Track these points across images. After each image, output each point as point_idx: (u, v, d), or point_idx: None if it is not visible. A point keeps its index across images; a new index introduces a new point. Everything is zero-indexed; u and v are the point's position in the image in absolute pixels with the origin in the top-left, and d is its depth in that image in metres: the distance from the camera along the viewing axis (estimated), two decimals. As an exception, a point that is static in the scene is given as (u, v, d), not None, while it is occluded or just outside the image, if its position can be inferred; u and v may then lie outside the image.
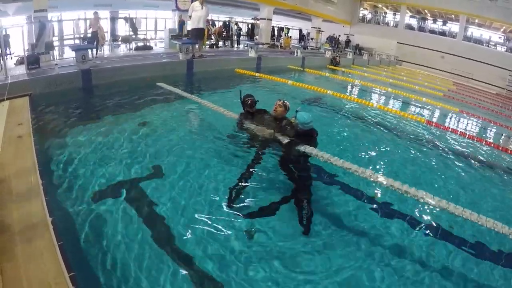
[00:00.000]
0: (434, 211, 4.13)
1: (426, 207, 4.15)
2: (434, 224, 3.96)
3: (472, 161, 6.47)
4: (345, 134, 6.81)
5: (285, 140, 4.47)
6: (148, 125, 5.83)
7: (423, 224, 3.94)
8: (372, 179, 3.99)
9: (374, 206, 4.18)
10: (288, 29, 26.06)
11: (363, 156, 5.76)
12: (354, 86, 14.32)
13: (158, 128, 5.78)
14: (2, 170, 3.57)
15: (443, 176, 5.42)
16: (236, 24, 19.26)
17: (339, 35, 30.48)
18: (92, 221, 3.18)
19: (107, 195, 3.64)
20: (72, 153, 4.47)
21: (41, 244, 2.54)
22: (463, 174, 5.75)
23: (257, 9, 21.38)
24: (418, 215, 4.10)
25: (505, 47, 28.27)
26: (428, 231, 3.83)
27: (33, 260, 2.39)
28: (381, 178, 3.94)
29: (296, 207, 3.73)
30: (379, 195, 4.42)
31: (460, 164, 6.14)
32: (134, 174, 4.16)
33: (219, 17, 22.73)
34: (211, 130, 5.88)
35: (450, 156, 6.47)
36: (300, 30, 28.15)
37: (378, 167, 5.30)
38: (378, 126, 7.75)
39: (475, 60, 28.09)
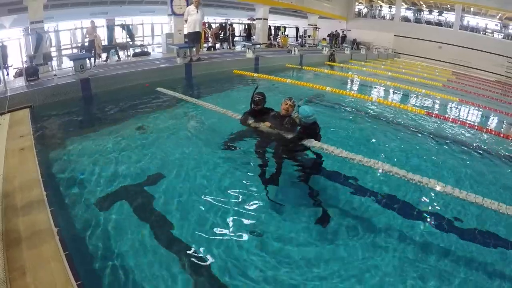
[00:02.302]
0: (438, 197, 4.21)
1: (430, 193, 4.25)
2: (439, 212, 4.03)
3: (473, 149, 6.48)
4: (345, 128, 6.81)
5: (289, 135, 4.50)
6: (150, 131, 5.86)
7: (426, 211, 4.03)
8: (375, 167, 4.04)
9: (377, 194, 4.26)
10: (285, 27, 25.99)
11: (365, 149, 5.78)
12: (352, 81, 14.33)
13: (160, 132, 5.81)
14: (7, 183, 3.61)
15: (444, 166, 5.46)
16: (230, 25, 19.29)
17: (336, 31, 30.43)
18: (97, 229, 3.21)
19: (112, 203, 3.66)
20: (74, 162, 4.51)
21: (48, 254, 2.57)
22: (464, 162, 5.78)
23: (252, 9, 21.38)
24: (422, 202, 4.18)
25: (502, 34, 28.17)
26: (431, 217, 3.89)
27: (41, 270, 2.43)
28: (386, 166, 3.99)
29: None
30: (383, 183, 4.48)
31: (462, 153, 6.17)
32: (138, 180, 4.19)
33: (215, 19, 22.71)
34: (213, 131, 5.92)
35: (451, 145, 6.48)
36: (297, 28, 28.10)
37: (380, 158, 5.30)
38: (378, 120, 7.76)
39: (473, 49, 27.99)
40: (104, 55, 12.57)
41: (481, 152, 6.36)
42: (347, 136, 6.34)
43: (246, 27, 21.85)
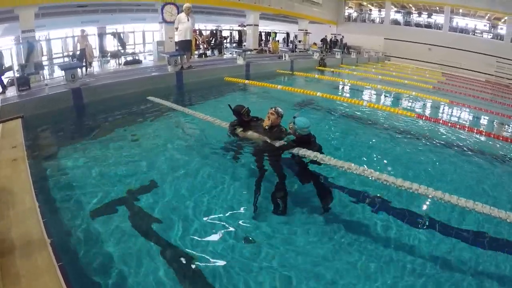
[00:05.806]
0: (429, 203, 4.27)
1: (421, 199, 4.27)
2: (430, 216, 4.08)
3: (464, 150, 6.57)
4: (336, 134, 6.88)
5: (277, 144, 4.51)
6: (141, 140, 5.89)
7: (418, 216, 4.07)
8: (365, 175, 4.02)
9: (368, 201, 4.29)
10: (276, 33, 26.11)
11: (355, 154, 5.84)
12: (343, 86, 14.45)
13: (151, 142, 5.84)
14: (-1, 195, 3.61)
15: (436, 168, 5.54)
16: (220, 32, 19.36)
17: (327, 35, 30.60)
18: (91, 240, 3.23)
19: (104, 213, 3.68)
20: (66, 173, 4.52)
21: (42, 265, 2.58)
22: (455, 164, 5.86)
23: (243, 16, 21.48)
24: (412, 207, 4.20)
25: (491, 34, 28.55)
26: (424, 223, 3.93)
27: (35, 281, 2.43)
28: (375, 174, 3.98)
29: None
30: (373, 191, 4.50)
31: (452, 155, 6.26)
32: (130, 190, 4.20)
33: (206, 26, 22.77)
34: (203, 141, 5.94)
35: (441, 147, 6.56)
36: (287, 34, 28.23)
37: (371, 164, 5.35)
38: (368, 124, 7.83)
39: (463, 50, 28.31)
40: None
41: (471, 153, 6.44)
42: (336, 142, 6.40)
43: (237, 33, 21.94)
